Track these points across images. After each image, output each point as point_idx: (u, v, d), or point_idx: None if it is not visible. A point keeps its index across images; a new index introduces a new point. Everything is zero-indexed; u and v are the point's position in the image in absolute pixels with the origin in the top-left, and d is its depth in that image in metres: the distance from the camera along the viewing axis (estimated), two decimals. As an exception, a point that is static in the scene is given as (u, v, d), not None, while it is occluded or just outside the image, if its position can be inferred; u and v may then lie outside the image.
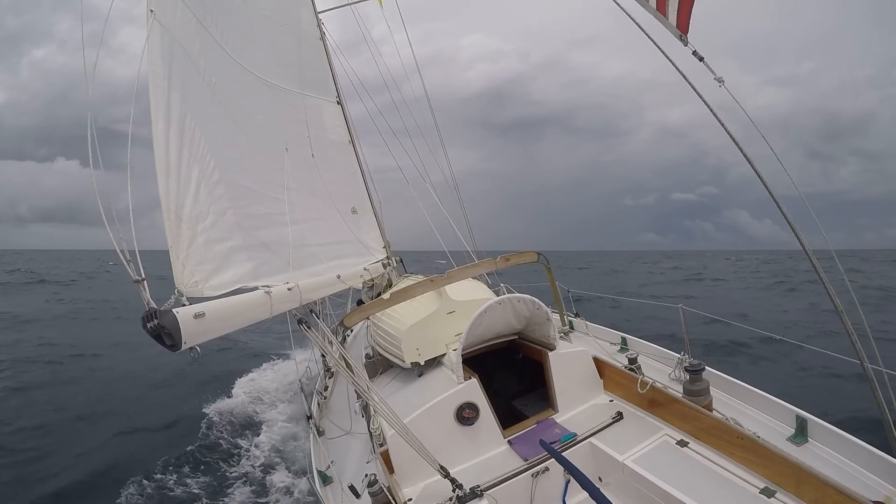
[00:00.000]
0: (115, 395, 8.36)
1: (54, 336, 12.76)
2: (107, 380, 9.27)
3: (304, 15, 6.08)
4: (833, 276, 2.16)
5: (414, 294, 3.78)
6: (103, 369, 10.02)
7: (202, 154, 2.87)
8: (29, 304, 18.98)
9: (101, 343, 12.03)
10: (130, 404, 7.89)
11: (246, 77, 4.24)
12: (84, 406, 7.75)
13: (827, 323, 11.90)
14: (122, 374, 9.65)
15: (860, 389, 1.99)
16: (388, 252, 6.14)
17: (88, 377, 9.51)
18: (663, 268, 44.68)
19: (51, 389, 8.62)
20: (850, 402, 5.70)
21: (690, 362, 3.06)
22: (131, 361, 10.23)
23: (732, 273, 35.62)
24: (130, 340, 11.23)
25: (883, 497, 2.12)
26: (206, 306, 2.24)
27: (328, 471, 3.21)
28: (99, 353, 11.07)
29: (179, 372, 9.37)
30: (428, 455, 2.49)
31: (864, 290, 18.90)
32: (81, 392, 8.54)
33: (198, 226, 2.71)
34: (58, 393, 8.43)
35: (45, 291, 24.37)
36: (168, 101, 2.73)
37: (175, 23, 3.05)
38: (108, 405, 7.83)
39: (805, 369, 7.78)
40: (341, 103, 6.27)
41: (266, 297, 2.72)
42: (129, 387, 8.81)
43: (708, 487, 2.30)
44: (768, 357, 8.69)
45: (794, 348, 5.66)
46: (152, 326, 2.00)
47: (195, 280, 2.52)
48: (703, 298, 19.31)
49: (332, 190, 5.19)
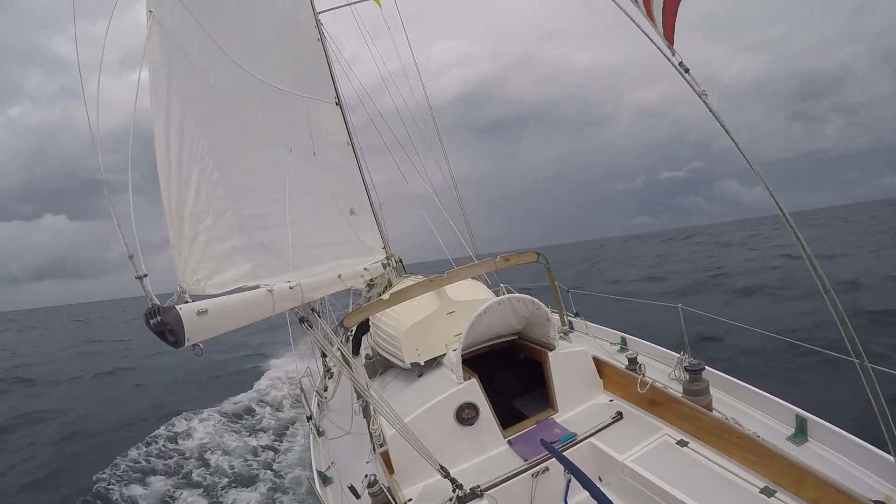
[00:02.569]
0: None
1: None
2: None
3: (303, 16, 6.08)
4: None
5: (413, 294, 3.77)
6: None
7: (202, 155, 2.87)
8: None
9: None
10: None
11: (245, 78, 4.24)
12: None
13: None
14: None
15: (860, 389, 1.99)
16: (388, 252, 6.14)
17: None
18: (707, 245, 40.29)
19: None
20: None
21: (690, 362, 3.05)
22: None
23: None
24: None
25: (883, 497, 2.12)
26: (209, 303, 2.24)
27: (328, 471, 3.21)
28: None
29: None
30: (428, 455, 2.48)
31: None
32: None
33: (199, 225, 2.71)
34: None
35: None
36: (168, 102, 2.73)
37: (174, 24, 3.05)
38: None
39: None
40: (340, 104, 6.26)
41: (268, 295, 2.72)
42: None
43: (708, 487, 2.30)
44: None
45: (795, 347, 5.66)
46: (155, 323, 1.99)
47: (197, 278, 2.52)
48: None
49: (332, 190, 5.19)
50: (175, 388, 11.04)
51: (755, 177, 1.82)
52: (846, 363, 2.12)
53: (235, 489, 5.41)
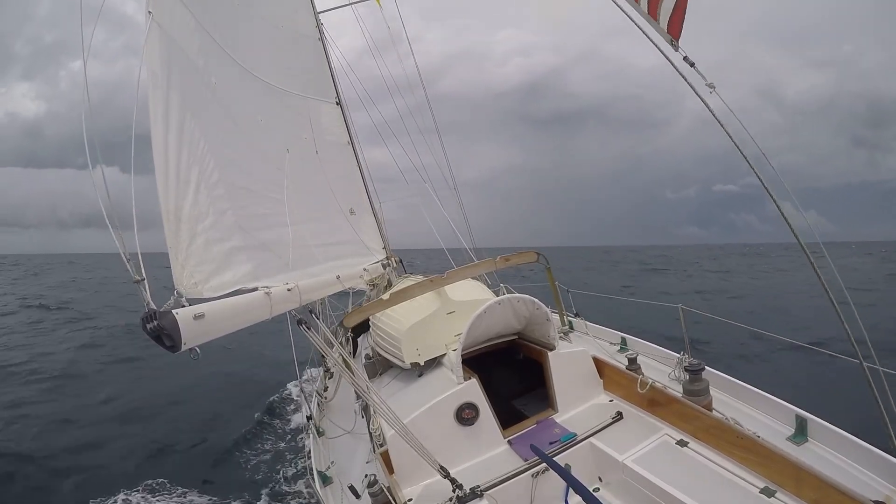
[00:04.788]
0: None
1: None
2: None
3: (303, 16, 6.08)
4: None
5: (413, 294, 3.77)
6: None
7: (201, 154, 2.87)
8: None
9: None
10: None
11: (245, 78, 4.24)
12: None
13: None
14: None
15: (860, 389, 1.99)
16: (388, 252, 6.14)
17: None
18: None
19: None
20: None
21: (690, 362, 3.05)
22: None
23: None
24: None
25: (883, 497, 2.12)
26: (205, 307, 2.24)
27: (328, 471, 3.20)
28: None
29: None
30: (428, 455, 2.48)
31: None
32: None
33: (197, 226, 2.70)
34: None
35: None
36: (167, 103, 2.72)
37: (174, 24, 3.05)
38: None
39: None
40: (341, 104, 6.26)
41: (266, 298, 2.72)
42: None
43: (708, 487, 2.30)
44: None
45: (794, 348, 5.66)
46: (152, 328, 1.99)
47: (195, 281, 2.52)
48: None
49: (332, 191, 5.19)
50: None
51: (810, 200, 1.83)
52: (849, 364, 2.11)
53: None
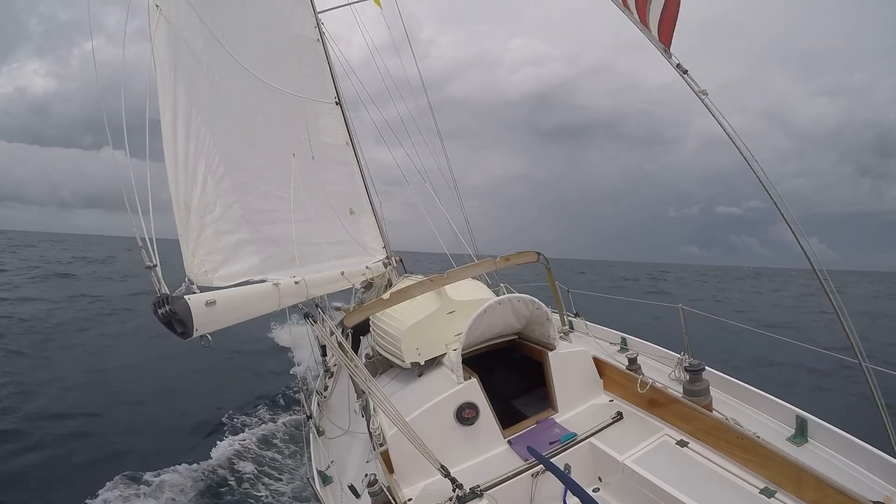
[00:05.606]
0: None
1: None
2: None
3: (303, 16, 6.08)
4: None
5: (413, 294, 3.77)
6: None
7: (208, 148, 2.89)
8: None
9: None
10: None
11: (246, 77, 4.24)
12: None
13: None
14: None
15: (859, 389, 1.99)
16: (388, 252, 6.14)
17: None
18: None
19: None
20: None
21: (690, 362, 3.06)
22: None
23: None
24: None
25: (883, 497, 2.12)
26: (217, 295, 2.24)
27: (328, 471, 3.20)
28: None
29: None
30: (429, 453, 2.48)
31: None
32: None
33: (206, 217, 2.73)
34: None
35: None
36: (175, 94, 2.75)
37: (179, 19, 3.07)
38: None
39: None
40: (341, 104, 6.26)
41: (275, 290, 2.75)
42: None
43: (708, 487, 2.30)
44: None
45: (796, 349, 5.67)
46: (164, 313, 1.97)
47: (205, 269, 2.54)
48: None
49: (331, 191, 5.19)
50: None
51: (812, 227, 1.84)
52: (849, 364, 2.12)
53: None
